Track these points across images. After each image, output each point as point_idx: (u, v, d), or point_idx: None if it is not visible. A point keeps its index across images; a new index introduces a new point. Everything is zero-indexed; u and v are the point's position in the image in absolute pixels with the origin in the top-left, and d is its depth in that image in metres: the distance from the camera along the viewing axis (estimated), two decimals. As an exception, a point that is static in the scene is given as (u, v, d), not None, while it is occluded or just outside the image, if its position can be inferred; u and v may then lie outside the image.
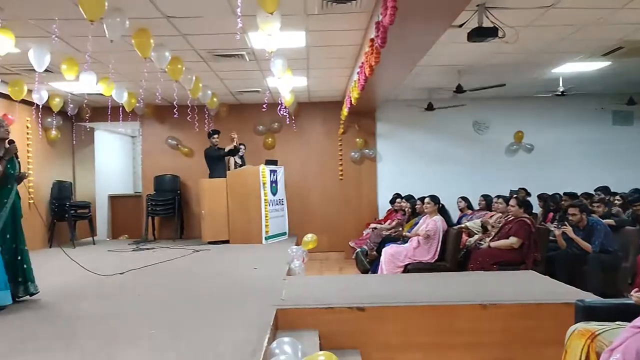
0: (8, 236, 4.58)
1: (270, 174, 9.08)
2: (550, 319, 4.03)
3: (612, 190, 8.89)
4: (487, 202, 8.59)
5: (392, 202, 9.84)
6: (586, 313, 3.45)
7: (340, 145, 10.69)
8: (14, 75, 7.39)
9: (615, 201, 8.07)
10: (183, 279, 5.72)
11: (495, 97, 10.36)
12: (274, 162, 9.50)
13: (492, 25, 5.09)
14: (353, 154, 10.63)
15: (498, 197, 8.06)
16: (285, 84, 7.18)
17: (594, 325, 3.24)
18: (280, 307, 4.09)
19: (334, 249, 10.40)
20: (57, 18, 4.59)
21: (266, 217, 8.73)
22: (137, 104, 8.86)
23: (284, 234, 9.43)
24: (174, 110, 7.77)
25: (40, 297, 4.72)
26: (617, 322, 3.21)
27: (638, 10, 5.44)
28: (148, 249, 8.61)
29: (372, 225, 9.18)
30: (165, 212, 10.20)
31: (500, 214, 7.53)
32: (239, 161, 9.55)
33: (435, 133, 10.73)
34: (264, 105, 8.29)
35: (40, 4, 4.69)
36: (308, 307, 4.13)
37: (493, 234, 6.92)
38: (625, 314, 3.15)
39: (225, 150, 9.21)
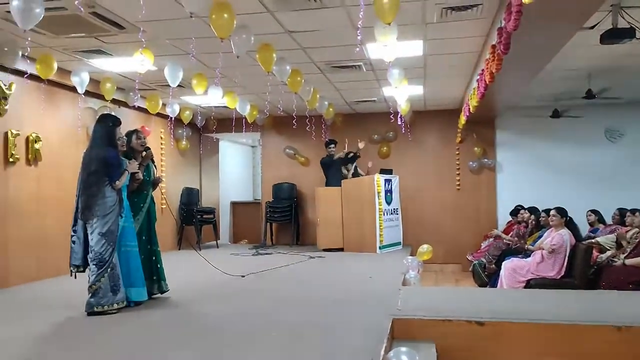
0: (144, 238, 5.03)
1: (385, 183, 9.10)
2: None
3: None
4: (622, 216, 7.95)
5: (513, 213, 9.45)
6: None
7: (458, 154, 10.45)
8: (150, 91, 8.11)
9: None
10: (300, 284, 5.91)
11: (632, 102, 9.56)
12: (389, 171, 9.51)
13: (628, 26, 4.73)
14: (471, 163, 10.34)
15: (633, 210, 7.43)
16: (402, 93, 7.19)
17: None
18: (397, 317, 4.09)
19: (449, 261, 10.17)
20: (193, 37, 4.98)
21: (380, 226, 8.75)
22: (258, 116, 9.33)
23: (399, 244, 9.39)
24: (293, 120, 8.07)
25: (170, 295, 5.13)
26: None
27: None
28: (267, 253, 9.00)
29: (495, 232, 8.86)
30: (283, 218, 10.59)
31: (638, 229, 6.93)
32: (352, 170, 9.69)
33: (561, 141, 10.12)
34: (391, 116, 8.20)
35: (176, 25, 5.13)
36: (425, 317, 4.10)
37: (628, 250, 6.40)
38: None
39: (349, 155, 9.43)
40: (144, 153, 5.10)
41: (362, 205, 8.86)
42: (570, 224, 6.58)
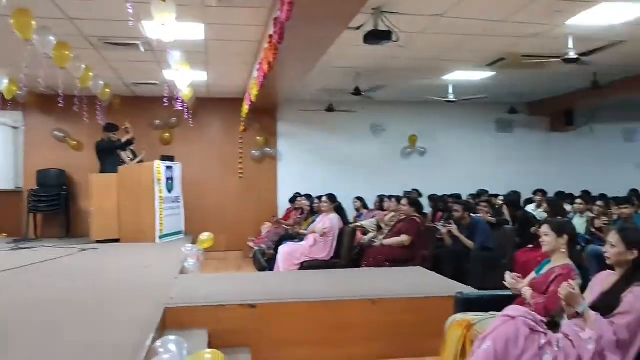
0: None
1: (166, 171, 8.77)
2: (435, 312, 4.20)
3: (492, 193, 9.54)
4: (381, 202, 8.90)
5: (292, 200, 9.91)
6: (464, 305, 3.66)
7: (241, 143, 10.57)
8: None
9: (498, 201, 8.66)
10: (66, 279, 5.35)
11: (393, 101, 10.74)
12: (171, 158, 9.19)
13: (387, 29, 5.26)
14: (254, 152, 10.56)
15: (390, 197, 8.37)
16: (184, 78, 6.97)
17: (470, 316, 3.44)
18: (169, 306, 3.95)
19: (232, 249, 10.26)
20: None
21: (161, 215, 8.41)
22: (19, 93, 8.19)
23: (180, 232, 9.14)
24: (59, 99, 7.25)
25: None
26: (490, 313, 3.44)
27: (518, 24, 5.87)
28: (29, 247, 7.98)
29: (275, 219, 9.19)
30: (50, 208, 9.53)
31: (394, 213, 7.82)
32: (130, 155, 9.11)
33: (334, 134, 10.93)
34: (165, 100, 7.92)
35: None
36: (198, 305, 4.03)
37: (386, 232, 7.16)
38: (499, 304, 3.36)
39: (123, 141, 8.77)
40: None
41: (140, 193, 8.38)
42: (339, 210, 7.12)
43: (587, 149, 11.60)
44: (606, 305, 2.84)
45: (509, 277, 3.64)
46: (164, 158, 8.96)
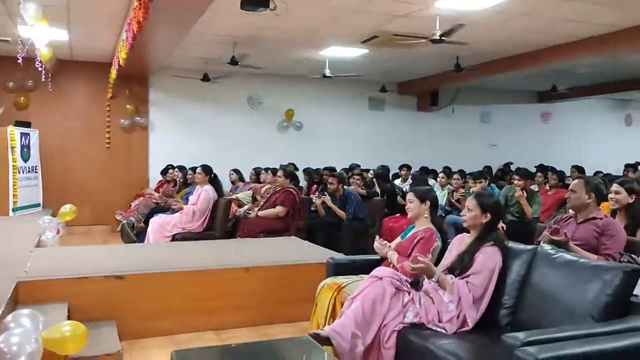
0: None
1: (21, 138, 7.99)
2: (307, 278, 4.28)
3: (365, 167, 9.91)
4: (258, 175, 8.87)
5: (164, 172, 9.53)
6: (335, 269, 3.78)
7: (109, 111, 9.89)
8: None
9: (369, 175, 9.01)
10: None
11: (270, 74, 10.67)
12: (26, 124, 8.37)
13: (264, -4, 5.15)
14: (123, 121, 9.94)
15: (267, 169, 8.37)
16: (42, 36, 6.31)
17: (340, 279, 3.56)
18: (23, 280, 3.62)
19: (98, 222, 9.64)
20: None
21: (14, 186, 7.66)
22: None
23: (37, 205, 8.43)
24: None
25: None
26: (360, 275, 3.58)
27: (392, 2, 6.07)
28: None
29: (148, 191, 8.79)
30: None
31: (270, 185, 7.83)
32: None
33: (210, 105, 10.62)
34: (19, 58, 7.10)
35: None
36: (57, 278, 3.74)
37: (262, 204, 7.16)
38: (368, 268, 3.51)
39: None
40: None
41: (-10, 161, 7.56)
42: (214, 181, 6.96)
43: (449, 128, 12.43)
44: (462, 265, 3.07)
45: (377, 242, 3.80)
46: (19, 124, 8.15)
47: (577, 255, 2.96)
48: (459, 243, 3.29)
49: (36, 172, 8.43)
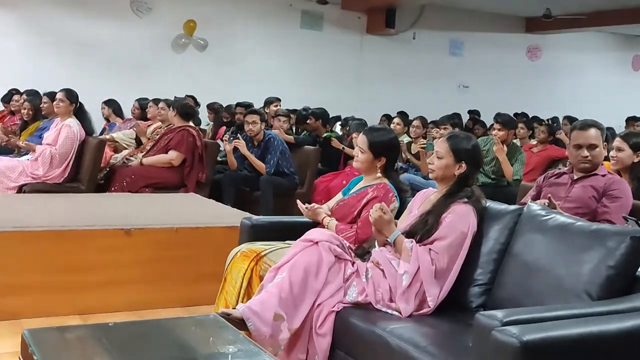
0: None
1: None
2: (212, 245, 4.28)
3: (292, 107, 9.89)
4: (143, 109, 8.67)
5: (6, 100, 9.12)
6: (252, 233, 3.78)
7: None
8: None
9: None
10: None
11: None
12: None
13: None
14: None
15: (156, 101, 8.16)
16: None
17: (259, 246, 3.57)
18: None
19: None
20: None
21: None
22: None
23: None
24: None
25: None
26: (286, 242, 3.60)
27: None
28: None
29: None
30: None
31: (160, 123, 7.67)
32: None
33: (79, 8, 10.16)
34: None
35: None
36: None
37: (148, 148, 7.02)
38: (296, 232, 3.52)
39: None
40: None
41: None
42: (80, 114, 6.73)
43: (408, 60, 12.60)
44: (425, 228, 3.14)
45: (304, 207, 3.78)
46: None
47: (574, 217, 3.10)
48: (422, 200, 3.36)
49: None
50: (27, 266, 3.94)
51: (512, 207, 3.25)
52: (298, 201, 3.90)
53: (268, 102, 9.66)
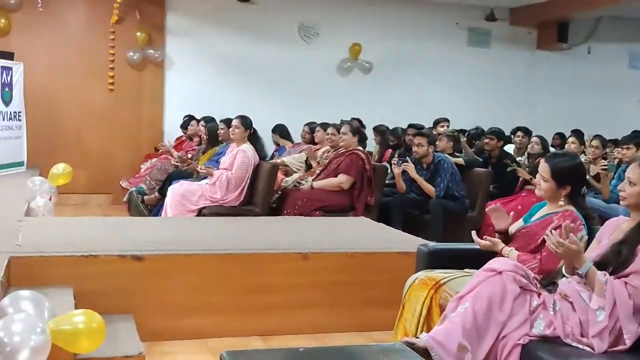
0: None
1: (3, 73, 8.32)
2: (388, 271, 4.33)
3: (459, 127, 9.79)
4: (312, 133, 8.90)
5: (184, 126, 9.70)
6: (430, 260, 3.78)
7: (113, 39, 10.10)
8: None
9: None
10: None
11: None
12: (8, 56, 8.71)
13: None
14: (131, 54, 10.15)
15: (324, 125, 8.35)
16: None
17: (438, 274, 3.56)
18: (16, 255, 3.81)
19: (96, 191, 9.96)
20: None
21: (-7, 136, 8.04)
22: None
23: (21, 164, 8.81)
24: None
25: None
26: (465, 270, 3.57)
27: None
28: None
29: (164, 148, 8.98)
30: None
31: (330, 148, 7.84)
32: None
33: (248, 36, 10.66)
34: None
35: None
36: (59, 254, 3.91)
37: (318, 171, 7.19)
38: (474, 261, 3.49)
39: None
40: None
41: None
42: (254, 139, 7.02)
43: (583, 75, 12.07)
44: (619, 259, 3.01)
45: (480, 241, 3.67)
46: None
47: None
48: (613, 229, 3.22)
49: (19, 119, 8.76)
50: (212, 287, 4.16)
51: None
52: (473, 233, 3.82)
53: (436, 123, 9.64)
